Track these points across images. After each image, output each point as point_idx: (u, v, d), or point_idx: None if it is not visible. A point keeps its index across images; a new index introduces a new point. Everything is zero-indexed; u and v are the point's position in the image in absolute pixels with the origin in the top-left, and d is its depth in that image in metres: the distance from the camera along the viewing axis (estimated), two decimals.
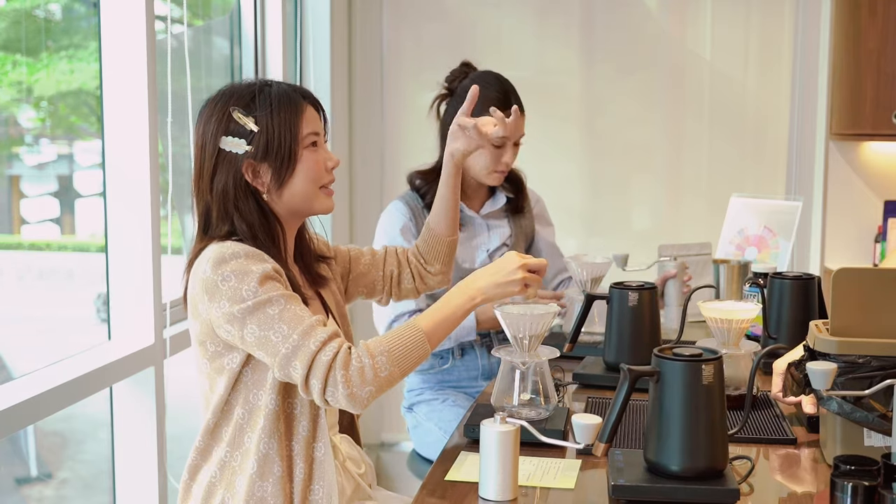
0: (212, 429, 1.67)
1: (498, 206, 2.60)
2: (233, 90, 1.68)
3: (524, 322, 1.76)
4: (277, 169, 1.66)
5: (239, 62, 3.29)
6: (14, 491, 2.68)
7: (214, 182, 1.66)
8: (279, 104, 1.66)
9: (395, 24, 3.98)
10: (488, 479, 1.52)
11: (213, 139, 1.66)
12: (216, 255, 1.60)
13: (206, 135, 1.67)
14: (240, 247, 1.61)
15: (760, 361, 1.64)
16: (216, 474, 1.66)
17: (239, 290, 1.56)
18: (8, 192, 2.53)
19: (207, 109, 1.69)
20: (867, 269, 1.71)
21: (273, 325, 1.55)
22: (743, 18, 3.90)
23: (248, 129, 1.64)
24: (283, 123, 1.65)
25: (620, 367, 1.54)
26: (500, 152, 2.47)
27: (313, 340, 1.55)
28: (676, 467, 1.50)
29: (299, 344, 1.54)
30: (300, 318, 1.57)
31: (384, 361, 1.56)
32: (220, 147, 1.65)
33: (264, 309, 1.56)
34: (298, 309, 1.58)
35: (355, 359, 1.55)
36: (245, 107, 1.65)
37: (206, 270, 1.59)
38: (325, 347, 1.55)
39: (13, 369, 2.44)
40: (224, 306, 1.57)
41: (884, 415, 1.55)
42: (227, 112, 1.65)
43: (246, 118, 1.64)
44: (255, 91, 1.67)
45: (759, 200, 3.07)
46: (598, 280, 2.43)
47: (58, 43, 2.52)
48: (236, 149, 1.64)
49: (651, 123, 3.96)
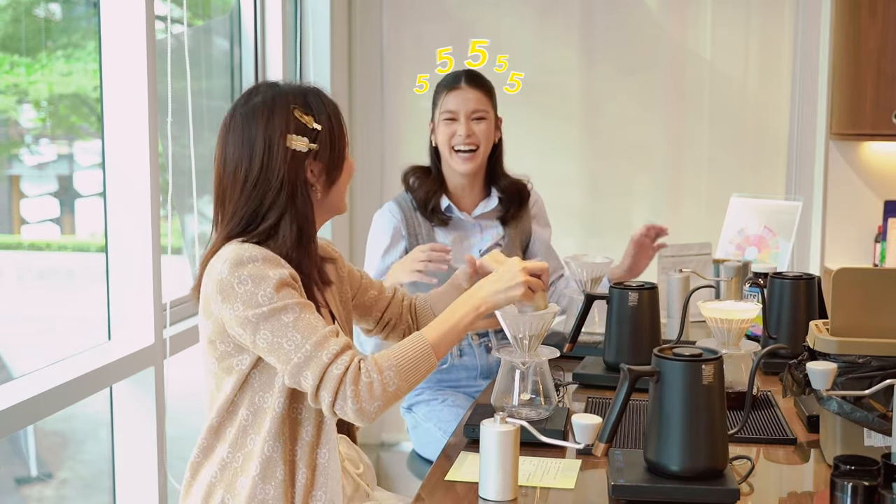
0: (215, 428, 1.67)
1: (490, 208, 2.60)
2: (286, 90, 1.69)
3: (524, 322, 1.76)
4: (330, 168, 1.70)
5: (239, 62, 3.29)
6: (14, 491, 2.68)
7: (278, 180, 1.65)
8: (332, 107, 1.72)
9: (395, 24, 3.98)
10: (488, 479, 1.52)
11: (282, 136, 1.64)
12: (234, 257, 1.59)
13: (272, 132, 1.64)
14: (258, 250, 1.61)
15: (760, 361, 1.64)
16: (216, 474, 1.66)
17: (255, 294, 1.57)
18: (8, 192, 2.53)
19: (265, 109, 1.66)
20: (867, 269, 1.71)
21: (287, 333, 1.56)
22: (743, 19, 3.90)
23: (311, 127, 1.67)
24: (339, 124, 1.72)
25: (620, 367, 1.54)
26: (451, 127, 2.52)
27: (326, 352, 1.55)
28: (676, 467, 1.50)
29: (312, 355, 1.55)
30: (314, 327, 1.57)
31: (392, 376, 1.57)
32: (287, 146, 1.65)
33: (279, 316, 1.56)
34: (313, 318, 1.58)
35: (364, 374, 1.55)
36: (303, 107, 1.67)
37: (223, 271, 1.59)
38: (336, 360, 1.56)
39: (13, 369, 2.44)
40: (238, 309, 1.57)
41: (884, 415, 1.55)
42: (290, 111, 1.66)
43: (307, 117, 1.66)
44: (306, 93, 1.70)
45: (759, 200, 3.07)
46: (598, 280, 2.43)
47: (56, 42, 2.53)
48: (302, 147, 1.66)
49: (651, 123, 3.96)
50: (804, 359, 1.74)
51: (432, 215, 2.53)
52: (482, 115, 2.52)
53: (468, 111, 2.50)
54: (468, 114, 2.50)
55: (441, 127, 2.52)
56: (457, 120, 2.50)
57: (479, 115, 2.51)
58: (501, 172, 2.62)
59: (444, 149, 2.52)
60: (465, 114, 2.50)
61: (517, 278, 1.70)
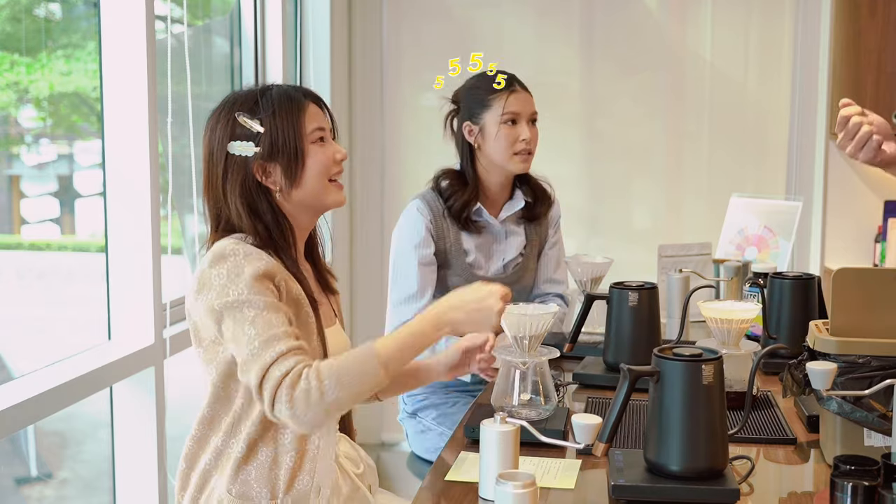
0: (208, 419, 1.68)
1: (516, 210, 2.54)
2: (236, 97, 1.72)
3: (524, 322, 1.76)
4: (287, 166, 1.69)
5: (239, 62, 3.29)
6: (14, 491, 2.67)
7: (227, 187, 1.69)
8: (280, 104, 1.69)
9: (395, 24, 3.98)
10: (488, 479, 1.52)
11: (221, 145, 1.69)
12: (216, 251, 1.63)
13: (214, 142, 1.70)
14: (240, 245, 1.63)
15: (760, 361, 1.64)
16: (211, 461, 1.68)
17: (227, 287, 1.58)
18: (8, 192, 2.53)
19: (213, 118, 1.72)
20: (867, 269, 1.72)
21: (244, 327, 1.57)
22: (743, 18, 3.90)
23: (254, 131, 1.67)
24: (287, 121, 1.68)
25: (620, 367, 1.54)
26: (515, 130, 2.46)
27: (271, 352, 1.55)
28: (676, 467, 1.50)
29: (258, 352, 1.55)
30: (270, 325, 1.57)
31: (331, 385, 1.53)
32: (229, 152, 1.68)
33: (242, 308, 1.57)
34: (274, 318, 1.58)
35: (304, 380, 1.52)
36: (249, 111, 1.69)
37: (204, 264, 1.63)
38: (280, 362, 1.54)
39: (13, 369, 2.44)
40: (210, 298, 1.60)
41: (884, 415, 1.55)
42: (232, 117, 1.68)
43: (251, 121, 1.67)
44: (257, 95, 1.70)
45: (759, 200, 3.07)
46: (598, 280, 2.42)
47: (56, 42, 2.52)
48: (245, 152, 1.67)
49: (651, 123, 3.96)
50: (804, 359, 1.74)
51: (466, 224, 2.48)
52: (536, 117, 2.51)
53: (529, 113, 2.47)
54: (529, 116, 2.48)
55: (503, 130, 2.44)
56: (517, 122, 2.46)
57: (535, 116, 2.50)
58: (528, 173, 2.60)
59: (505, 151, 2.45)
60: (527, 116, 2.47)
61: (495, 308, 1.64)
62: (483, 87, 2.47)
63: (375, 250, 4.00)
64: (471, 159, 2.50)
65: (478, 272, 2.48)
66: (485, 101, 2.46)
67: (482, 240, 2.51)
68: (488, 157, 2.47)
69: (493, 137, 2.44)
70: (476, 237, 2.50)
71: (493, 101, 2.45)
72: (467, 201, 2.47)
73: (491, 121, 2.44)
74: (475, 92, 2.48)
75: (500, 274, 2.52)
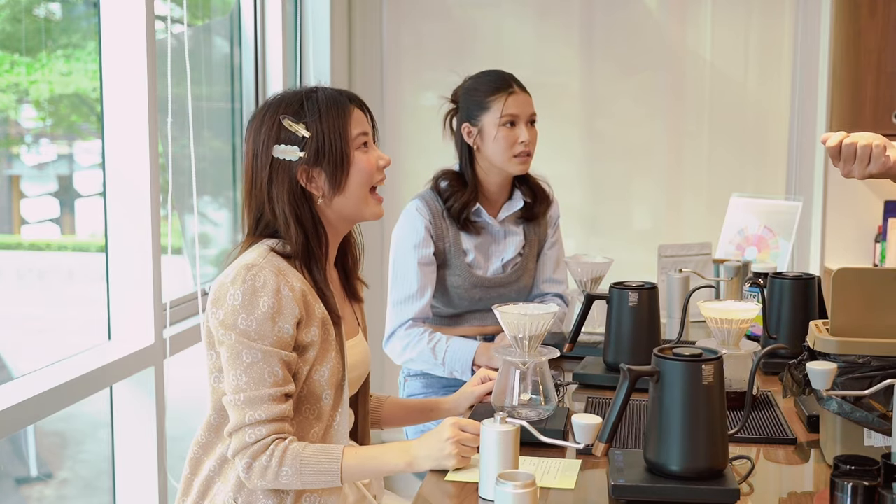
0: (214, 426, 1.68)
1: (515, 210, 2.54)
2: (281, 99, 1.70)
3: (524, 322, 1.76)
4: (332, 172, 1.67)
5: (239, 62, 3.29)
6: (14, 491, 2.67)
7: (274, 192, 1.67)
8: (327, 108, 1.67)
9: (395, 24, 3.98)
10: (488, 479, 1.52)
11: (266, 148, 1.67)
12: (242, 263, 1.62)
13: (258, 145, 1.68)
14: (268, 259, 1.62)
15: (760, 361, 1.64)
16: (215, 468, 1.68)
17: (238, 312, 1.59)
18: (8, 192, 2.53)
19: (257, 120, 1.70)
20: (867, 269, 1.71)
21: (236, 369, 1.59)
22: (743, 18, 3.90)
23: (299, 135, 1.66)
24: (333, 126, 1.67)
25: (620, 367, 1.54)
26: (514, 132, 2.44)
27: (251, 414, 1.58)
28: (676, 467, 1.50)
29: (241, 406, 1.58)
30: (262, 382, 1.58)
31: (288, 472, 1.58)
32: (274, 156, 1.67)
33: (240, 351, 1.59)
34: (267, 372, 1.58)
35: (266, 456, 1.58)
36: (294, 114, 1.67)
37: (228, 274, 1.62)
38: (254, 427, 1.58)
39: (13, 369, 2.44)
40: (220, 315, 1.60)
41: (884, 415, 1.55)
42: (277, 120, 1.67)
43: (297, 125, 1.66)
44: (302, 98, 1.68)
45: (759, 200, 3.07)
46: (598, 280, 2.42)
47: (56, 42, 2.52)
48: (289, 156, 1.66)
49: (651, 123, 3.96)
50: (804, 359, 1.74)
51: (465, 224, 2.47)
52: (535, 118, 2.50)
53: (528, 114, 2.46)
54: (528, 117, 2.47)
55: (502, 131, 2.43)
56: (516, 124, 2.44)
57: (534, 117, 2.49)
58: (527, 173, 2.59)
59: (504, 153, 2.44)
60: (526, 117, 2.46)
61: (446, 449, 1.63)
62: (481, 88, 2.46)
63: (375, 250, 4.00)
64: (470, 160, 2.49)
65: (477, 272, 2.48)
66: (483, 102, 2.45)
67: (481, 240, 2.50)
68: (487, 158, 2.46)
69: (492, 139, 2.43)
70: (475, 237, 2.49)
71: (492, 103, 2.43)
72: (466, 202, 2.46)
73: (489, 123, 2.44)
74: (473, 93, 2.47)
75: (499, 274, 2.52)
